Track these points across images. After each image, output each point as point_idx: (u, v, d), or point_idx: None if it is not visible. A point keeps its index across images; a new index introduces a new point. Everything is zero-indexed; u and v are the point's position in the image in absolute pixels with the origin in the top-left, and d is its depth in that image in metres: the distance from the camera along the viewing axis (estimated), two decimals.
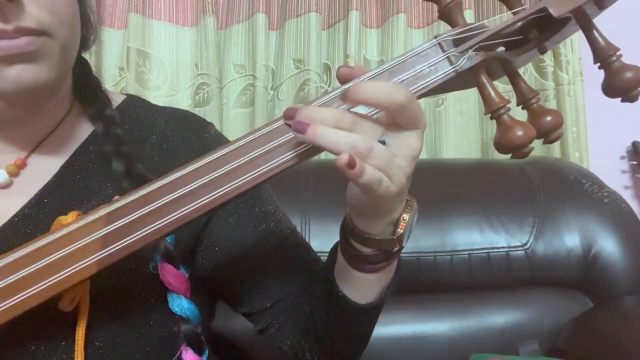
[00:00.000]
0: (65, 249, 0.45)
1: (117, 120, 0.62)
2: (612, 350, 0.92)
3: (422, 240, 1.07)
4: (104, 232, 0.45)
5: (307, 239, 0.71)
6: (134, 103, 0.68)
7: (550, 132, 0.45)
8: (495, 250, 1.07)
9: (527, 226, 1.09)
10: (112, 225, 0.45)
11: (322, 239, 0.97)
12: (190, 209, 0.45)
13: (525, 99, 0.46)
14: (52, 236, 0.45)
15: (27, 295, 0.44)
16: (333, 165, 1.22)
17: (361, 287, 0.57)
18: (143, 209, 0.45)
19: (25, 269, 0.44)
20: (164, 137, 0.64)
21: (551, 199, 1.10)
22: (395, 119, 0.44)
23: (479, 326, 1.06)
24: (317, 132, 0.42)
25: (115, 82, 1.35)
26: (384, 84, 0.44)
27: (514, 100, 0.48)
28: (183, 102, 1.40)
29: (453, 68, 0.46)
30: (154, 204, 0.45)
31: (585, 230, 1.08)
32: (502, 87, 1.29)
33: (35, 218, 0.56)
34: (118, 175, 0.57)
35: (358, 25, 1.37)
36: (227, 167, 0.45)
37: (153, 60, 1.39)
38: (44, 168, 0.59)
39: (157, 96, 1.38)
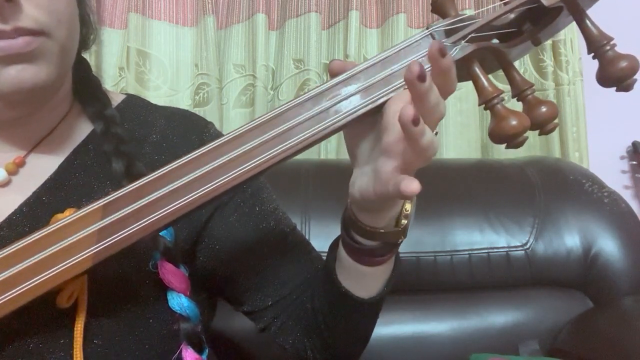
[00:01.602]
0: (61, 243, 0.45)
1: (117, 119, 0.62)
2: (612, 350, 0.91)
3: (422, 240, 1.06)
4: (100, 226, 0.45)
5: (308, 239, 0.71)
6: (133, 102, 0.68)
7: (545, 123, 0.45)
8: (495, 250, 1.07)
9: (527, 226, 1.08)
10: (107, 219, 0.45)
11: (322, 239, 0.96)
12: (186, 201, 0.45)
13: (520, 90, 0.46)
14: (47, 230, 0.45)
15: (23, 290, 0.44)
16: (333, 165, 1.22)
17: (364, 281, 0.57)
18: (138, 202, 0.45)
19: (21, 264, 0.45)
20: (164, 136, 0.64)
21: (551, 199, 1.10)
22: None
23: (479, 326, 1.06)
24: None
25: (115, 82, 1.35)
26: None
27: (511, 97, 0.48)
28: (183, 102, 1.40)
29: None
30: (149, 196, 0.45)
31: (585, 230, 1.08)
32: (503, 86, 1.29)
33: (33, 216, 0.56)
34: (118, 175, 0.57)
35: (358, 25, 1.37)
36: (221, 159, 0.45)
37: (153, 60, 1.39)
38: (43, 166, 0.59)
39: (157, 96, 1.38)
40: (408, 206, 0.51)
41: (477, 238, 1.07)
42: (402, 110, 0.40)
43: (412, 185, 0.41)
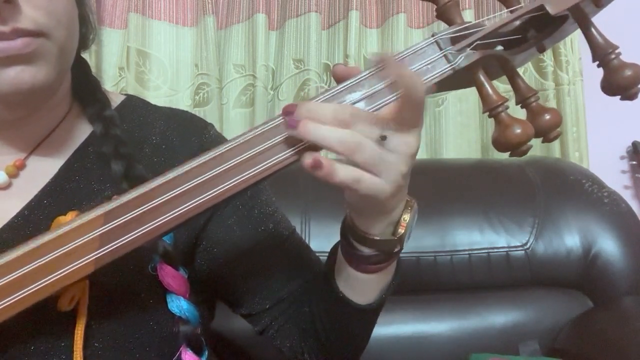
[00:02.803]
0: (64, 248, 0.45)
1: (117, 121, 0.62)
2: (612, 350, 0.92)
3: (422, 240, 1.07)
4: (102, 231, 0.45)
5: (307, 239, 0.71)
6: (133, 103, 0.68)
7: (549, 131, 0.45)
8: (495, 250, 1.07)
9: (527, 226, 1.09)
10: (110, 224, 0.45)
11: (322, 239, 0.97)
12: (188, 207, 0.45)
13: (524, 97, 0.46)
14: (50, 235, 0.45)
15: (25, 294, 0.44)
16: None
17: (361, 287, 0.57)
18: (141, 208, 0.45)
19: (24, 268, 0.44)
20: (164, 138, 0.64)
21: (551, 199, 1.10)
22: (404, 113, 0.44)
23: (479, 326, 1.06)
24: (308, 127, 0.43)
25: (115, 82, 1.35)
26: (413, 72, 0.45)
27: (513, 100, 0.48)
28: (183, 102, 1.40)
29: (450, 66, 0.46)
30: (152, 202, 0.45)
31: (585, 230, 1.08)
32: (503, 87, 1.29)
33: (35, 219, 0.56)
34: (117, 176, 0.57)
35: (358, 25, 1.37)
36: (224, 165, 0.45)
37: (153, 60, 1.39)
38: (43, 169, 0.59)
39: (157, 96, 1.38)
40: (406, 216, 0.51)
41: (477, 238, 1.07)
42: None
43: (305, 159, 0.43)
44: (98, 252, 0.45)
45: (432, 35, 0.47)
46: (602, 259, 1.07)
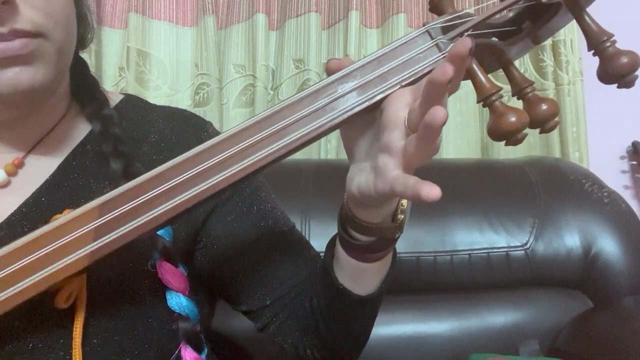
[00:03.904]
0: (58, 241, 0.45)
1: (115, 119, 0.62)
2: (612, 350, 0.91)
3: (422, 240, 1.06)
4: (97, 224, 0.45)
5: (307, 239, 0.71)
6: (132, 102, 0.68)
7: (546, 121, 0.44)
8: (495, 250, 1.07)
9: (527, 226, 1.08)
10: (104, 217, 0.45)
11: (322, 239, 0.95)
12: (182, 199, 0.45)
13: (520, 88, 0.46)
14: (44, 229, 0.45)
15: (20, 288, 0.45)
16: (333, 165, 1.21)
17: (361, 278, 0.57)
18: (135, 201, 0.45)
19: (18, 262, 0.45)
20: (162, 136, 0.64)
21: (551, 199, 1.10)
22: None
23: (479, 326, 1.06)
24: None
25: (115, 82, 1.35)
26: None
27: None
28: (183, 102, 1.40)
29: (442, 55, 0.46)
30: (146, 195, 0.45)
31: (585, 230, 1.08)
32: (504, 87, 1.29)
33: (33, 217, 0.56)
34: (116, 175, 0.57)
35: (358, 25, 1.37)
36: (217, 157, 0.45)
37: (153, 60, 1.39)
38: (41, 167, 0.59)
39: (157, 96, 1.38)
40: (404, 201, 0.51)
41: (477, 238, 1.07)
42: (435, 111, 0.37)
43: (434, 192, 0.39)
44: (92, 245, 0.45)
45: (423, 25, 0.47)
46: (602, 259, 1.07)
